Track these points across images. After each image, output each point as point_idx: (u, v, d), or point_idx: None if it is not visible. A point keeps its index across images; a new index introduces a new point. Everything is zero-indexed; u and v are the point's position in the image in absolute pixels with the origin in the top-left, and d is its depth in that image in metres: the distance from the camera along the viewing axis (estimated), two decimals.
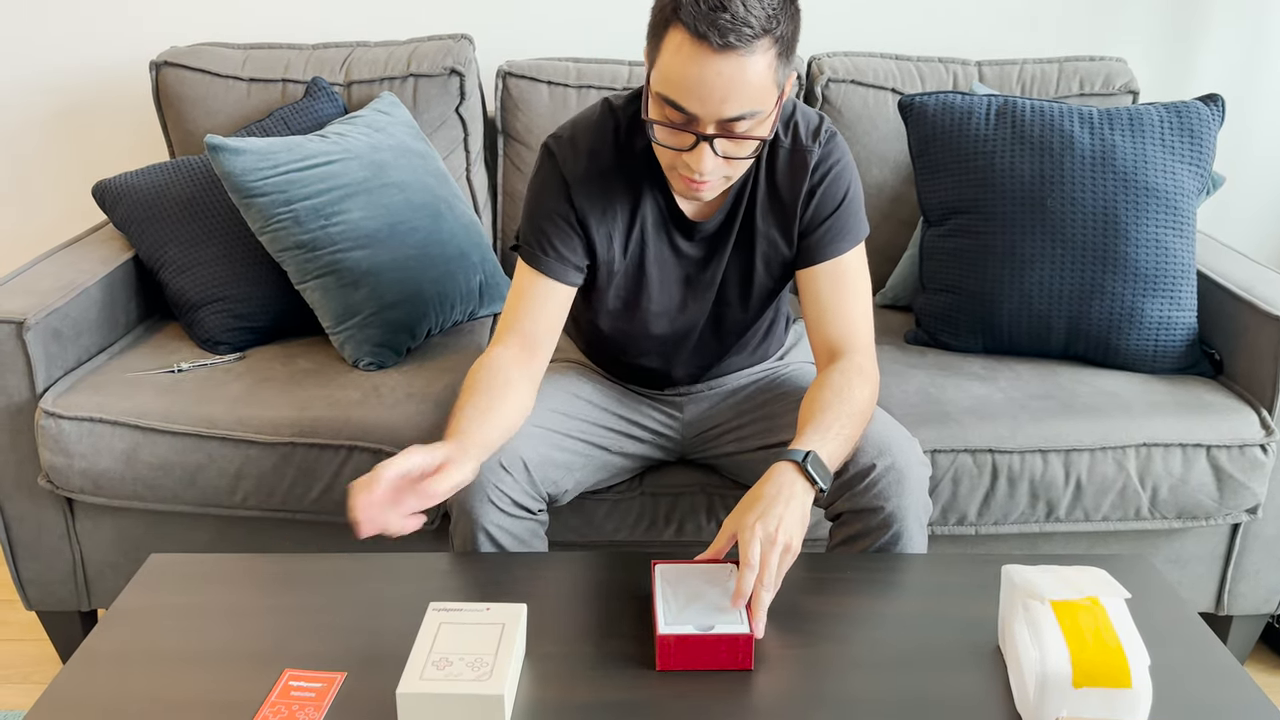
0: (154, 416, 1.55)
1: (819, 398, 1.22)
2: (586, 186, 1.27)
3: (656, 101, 1.12)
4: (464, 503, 1.25)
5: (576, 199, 1.27)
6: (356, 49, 2.05)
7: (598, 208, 1.28)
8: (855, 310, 1.30)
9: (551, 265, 1.28)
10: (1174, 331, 1.67)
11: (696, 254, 1.33)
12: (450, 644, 0.98)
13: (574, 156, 1.27)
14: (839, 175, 1.29)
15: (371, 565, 1.19)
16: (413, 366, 1.71)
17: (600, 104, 1.31)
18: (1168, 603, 1.12)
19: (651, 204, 1.29)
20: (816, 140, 1.28)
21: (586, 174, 1.27)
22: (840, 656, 1.03)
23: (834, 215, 1.29)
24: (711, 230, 1.31)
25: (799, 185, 1.28)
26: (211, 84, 1.99)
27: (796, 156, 1.28)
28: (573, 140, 1.28)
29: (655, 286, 1.34)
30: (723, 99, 1.07)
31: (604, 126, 1.28)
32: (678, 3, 1.06)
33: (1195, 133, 1.69)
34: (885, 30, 2.20)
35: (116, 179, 1.84)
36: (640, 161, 1.27)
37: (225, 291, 1.76)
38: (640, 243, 1.31)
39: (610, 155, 1.27)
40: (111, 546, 1.65)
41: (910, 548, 1.28)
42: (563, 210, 1.27)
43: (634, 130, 1.27)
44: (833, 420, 1.18)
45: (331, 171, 1.71)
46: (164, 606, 1.11)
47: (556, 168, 1.27)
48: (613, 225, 1.29)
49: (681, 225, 1.31)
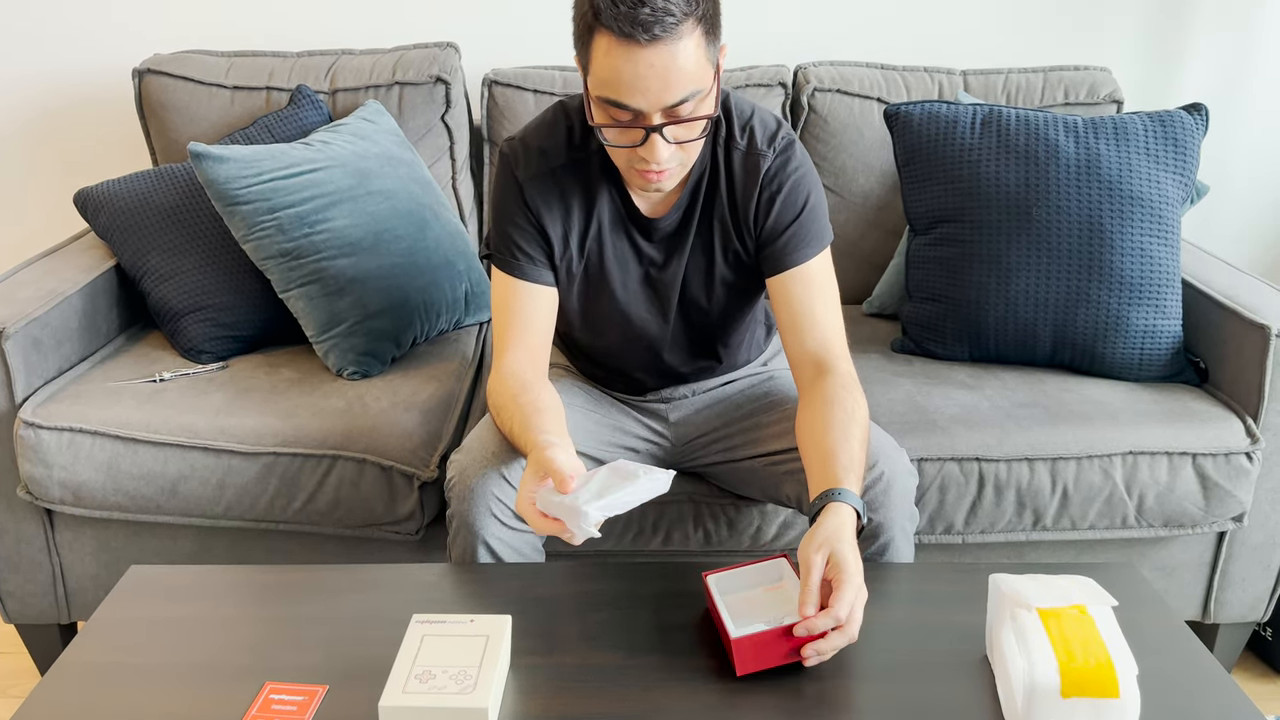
0: (135, 426, 1.53)
1: (835, 419, 1.18)
2: (539, 186, 1.27)
3: (599, 105, 1.13)
4: (464, 515, 1.24)
5: (530, 199, 1.28)
6: (341, 57, 2.05)
7: (552, 207, 1.28)
8: (828, 316, 1.29)
9: (524, 268, 1.29)
10: (1159, 340, 1.67)
11: (656, 254, 1.33)
12: (433, 656, 0.97)
13: (525, 157, 1.28)
14: (798, 183, 1.29)
15: (354, 577, 1.18)
16: (398, 375, 1.69)
17: (554, 106, 1.32)
18: (1155, 611, 1.12)
19: (608, 202, 1.30)
20: (771, 146, 1.29)
21: (538, 173, 1.27)
22: (827, 667, 1.02)
23: (796, 223, 1.29)
24: (670, 229, 1.32)
25: (752, 188, 1.29)
26: (195, 91, 1.98)
27: (750, 160, 1.29)
28: (524, 141, 1.29)
29: (617, 286, 1.34)
30: (662, 88, 1.09)
31: (556, 126, 1.29)
32: (596, 8, 1.07)
33: (1179, 142, 1.70)
34: (871, 40, 2.20)
35: (98, 187, 1.83)
36: (595, 161, 1.28)
37: (208, 300, 1.75)
38: (598, 241, 1.31)
39: (562, 154, 1.28)
40: (92, 558, 1.63)
41: (897, 557, 1.28)
42: (520, 212, 1.28)
43: (589, 129, 1.27)
44: (854, 449, 1.15)
45: (315, 179, 1.70)
46: (143, 619, 1.10)
47: (509, 169, 1.29)
48: (569, 224, 1.29)
49: (639, 223, 1.31)
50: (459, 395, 1.68)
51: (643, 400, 1.49)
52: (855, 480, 1.12)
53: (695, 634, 1.07)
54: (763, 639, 0.99)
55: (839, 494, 1.09)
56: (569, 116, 1.29)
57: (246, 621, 1.10)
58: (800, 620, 0.99)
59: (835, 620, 0.98)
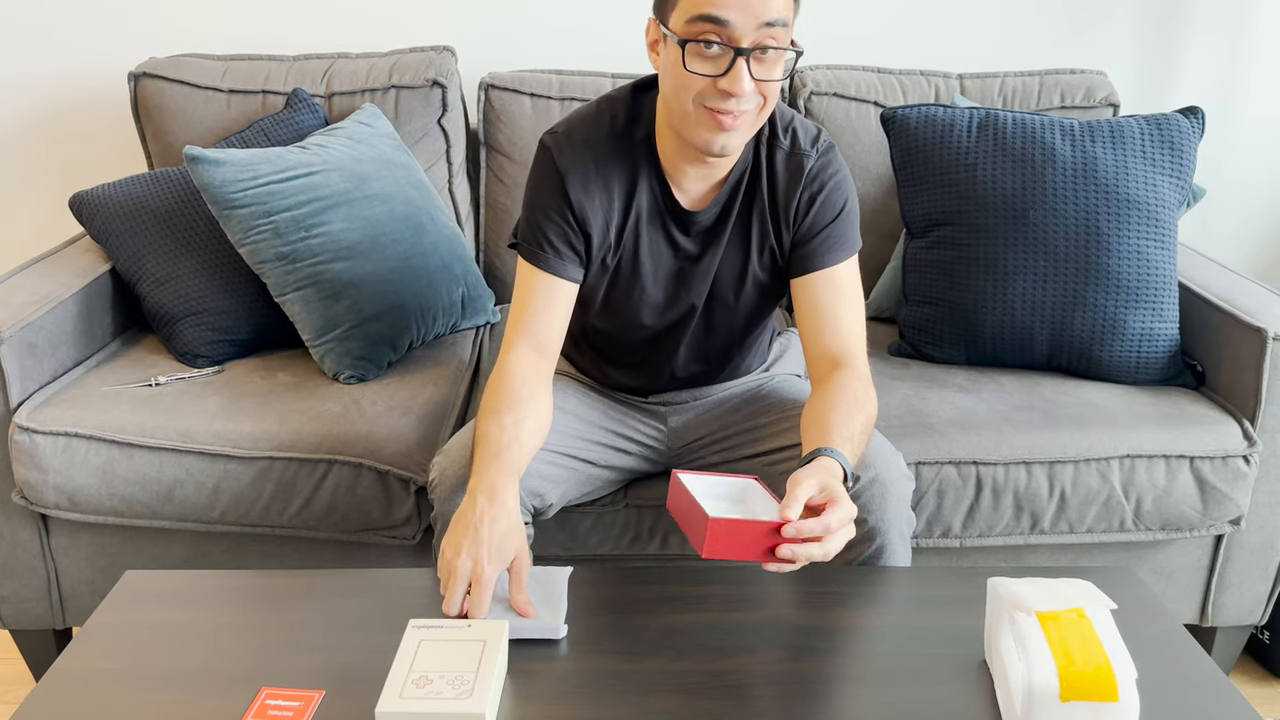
0: (130, 431, 1.52)
1: (841, 402, 1.20)
2: (581, 177, 1.27)
3: (687, 32, 1.13)
4: (447, 516, 1.24)
5: (572, 191, 1.27)
6: (338, 60, 2.04)
7: (593, 197, 1.28)
8: (852, 320, 1.30)
9: (550, 261, 1.28)
10: (1156, 343, 1.67)
11: (691, 247, 1.33)
12: (430, 661, 0.97)
13: (569, 148, 1.27)
14: (838, 186, 1.31)
15: (351, 582, 1.17)
16: (394, 379, 1.69)
17: (598, 99, 1.33)
18: (1154, 615, 1.12)
19: (647, 192, 1.29)
20: (815, 148, 1.30)
21: (581, 164, 1.27)
22: (825, 672, 1.02)
23: (833, 224, 1.30)
24: (707, 223, 1.31)
25: (794, 187, 1.29)
26: (191, 95, 1.97)
27: (794, 160, 1.29)
28: (568, 133, 1.29)
29: (648, 278, 1.34)
30: (761, 2, 1.10)
31: (600, 117, 1.29)
32: None
33: (1176, 145, 1.70)
34: (867, 43, 2.20)
35: (94, 190, 1.82)
36: (638, 150, 1.28)
37: (204, 304, 1.74)
38: (635, 233, 1.31)
39: (605, 144, 1.28)
40: (87, 563, 1.62)
41: (893, 561, 1.27)
42: (558, 204, 1.27)
43: (632, 119, 1.28)
44: (854, 429, 1.17)
45: (312, 183, 1.69)
46: (139, 624, 1.09)
47: (551, 160, 1.28)
48: (609, 214, 1.29)
49: (677, 215, 1.31)
50: (456, 399, 1.68)
51: (644, 401, 1.49)
52: (850, 451, 1.14)
53: (694, 638, 1.07)
54: (736, 526, 1.00)
55: (829, 451, 1.11)
56: (613, 106, 1.30)
57: (242, 627, 1.09)
58: (781, 522, 1.00)
59: (824, 527, 1.00)
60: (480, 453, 1.17)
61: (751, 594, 1.15)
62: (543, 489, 1.33)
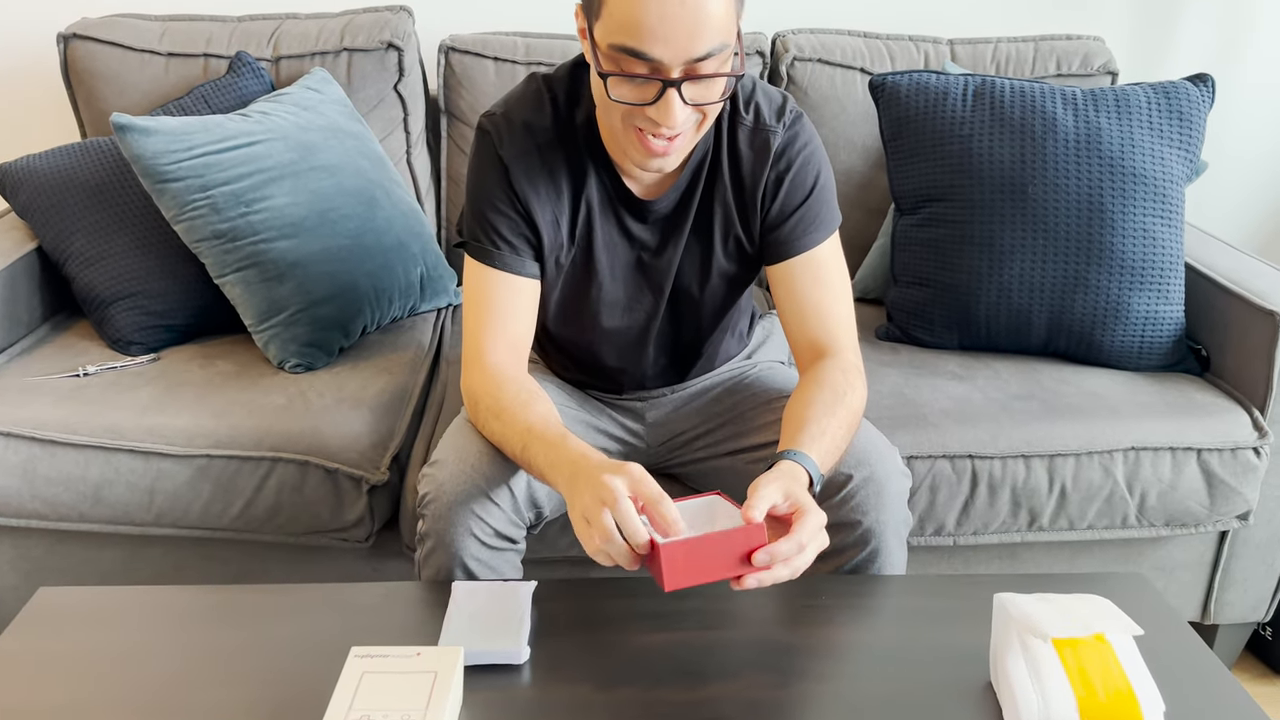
0: (52, 427, 1.40)
1: (819, 398, 1.11)
2: (526, 165, 1.15)
3: (609, 57, 1.00)
4: (442, 535, 1.12)
5: (516, 183, 1.15)
6: (285, 21, 1.91)
7: (539, 189, 1.16)
8: (837, 306, 1.20)
9: (505, 259, 1.16)
10: (1161, 327, 1.58)
11: (650, 238, 1.22)
12: (373, 697, 0.86)
13: (509, 133, 1.15)
14: (807, 161, 1.19)
15: (294, 599, 1.07)
16: (345, 368, 1.57)
17: (529, 78, 1.19)
18: (1167, 627, 1.04)
19: (596, 182, 1.18)
20: (780, 120, 1.18)
21: (524, 151, 1.15)
22: (817, 698, 0.93)
23: (805, 205, 1.19)
24: (665, 211, 1.20)
25: (761, 167, 1.18)
26: (125, 58, 1.84)
27: (759, 136, 1.17)
28: (506, 115, 1.16)
29: (605, 274, 1.22)
30: (690, 34, 0.96)
31: (539, 99, 1.16)
32: None
33: (1184, 115, 1.60)
34: (851, 5, 2.09)
35: (18, 162, 1.70)
36: (581, 137, 1.16)
37: (138, 286, 1.62)
38: (586, 225, 1.19)
39: (549, 129, 1.15)
40: (10, 569, 1.50)
41: (889, 564, 1.18)
42: (503, 195, 1.16)
43: (572, 103, 1.16)
44: (830, 425, 1.09)
45: (253, 154, 1.56)
46: (49, 651, 0.98)
47: (492, 148, 1.16)
48: (558, 208, 1.17)
49: (631, 206, 1.19)
50: (414, 389, 1.56)
51: (618, 398, 1.38)
52: (821, 450, 1.06)
53: (671, 661, 0.97)
54: (691, 546, 0.90)
55: (794, 454, 1.04)
56: (551, 88, 1.16)
57: (167, 652, 0.98)
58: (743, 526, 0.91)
59: (798, 545, 0.92)
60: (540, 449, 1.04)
61: (733, 609, 1.05)
62: (540, 499, 1.21)
